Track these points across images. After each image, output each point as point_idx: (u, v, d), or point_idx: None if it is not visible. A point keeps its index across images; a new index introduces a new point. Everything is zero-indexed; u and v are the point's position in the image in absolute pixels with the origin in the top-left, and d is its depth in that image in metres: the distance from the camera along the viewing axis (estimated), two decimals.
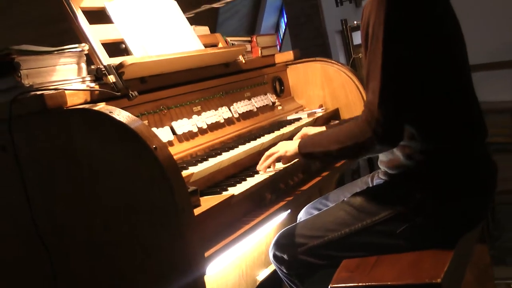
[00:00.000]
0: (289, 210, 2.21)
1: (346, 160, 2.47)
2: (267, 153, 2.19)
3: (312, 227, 2.14)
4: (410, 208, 2.00)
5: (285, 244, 2.14)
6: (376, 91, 1.85)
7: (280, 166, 2.21)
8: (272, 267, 2.51)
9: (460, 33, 2.10)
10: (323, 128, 2.36)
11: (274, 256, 2.17)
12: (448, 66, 2.01)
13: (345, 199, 2.18)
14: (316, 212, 2.32)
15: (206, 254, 1.68)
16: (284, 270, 2.17)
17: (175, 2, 2.62)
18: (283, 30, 15.89)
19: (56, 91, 1.78)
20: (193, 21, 2.80)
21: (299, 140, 2.13)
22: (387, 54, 1.85)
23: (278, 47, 15.98)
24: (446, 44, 2.00)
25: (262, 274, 2.68)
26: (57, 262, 1.83)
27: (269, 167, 2.18)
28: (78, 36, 2.09)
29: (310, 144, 2.10)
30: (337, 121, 2.89)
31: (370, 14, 1.88)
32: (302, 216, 2.49)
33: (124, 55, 2.33)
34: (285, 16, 14.07)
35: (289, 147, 2.13)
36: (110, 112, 1.66)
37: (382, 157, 2.12)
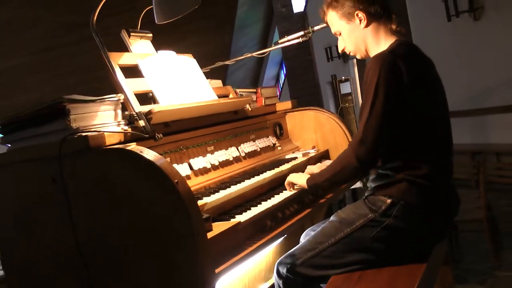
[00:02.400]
0: (285, 235, 2.26)
1: (341, 183, 2.51)
2: (287, 180, 2.38)
3: (306, 244, 2.24)
4: (380, 212, 2.10)
5: (286, 262, 2.22)
6: (362, 126, 2.06)
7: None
8: (271, 281, 2.56)
9: (440, 90, 2.22)
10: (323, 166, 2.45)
11: (277, 272, 2.23)
12: (427, 116, 2.11)
13: (332, 217, 2.27)
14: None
15: (217, 270, 1.70)
16: (282, 284, 2.22)
17: (194, 60, 2.67)
18: (283, 80, 16.02)
19: (97, 133, 1.84)
20: (208, 74, 2.85)
21: (307, 177, 2.30)
22: (374, 102, 2.03)
23: (278, 94, 16.08)
24: (425, 100, 2.11)
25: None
26: (94, 277, 1.86)
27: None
28: (110, 81, 2.13)
29: (314, 178, 2.29)
30: (327, 160, 2.93)
31: (368, 72, 2.06)
32: (302, 237, 2.55)
33: (151, 103, 2.37)
34: (284, 68, 14.22)
35: (300, 180, 2.32)
36: (140, 152, 1.71)
37: (371, 176, 2.26)
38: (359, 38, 2.27)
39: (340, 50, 2.41)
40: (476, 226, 4.45)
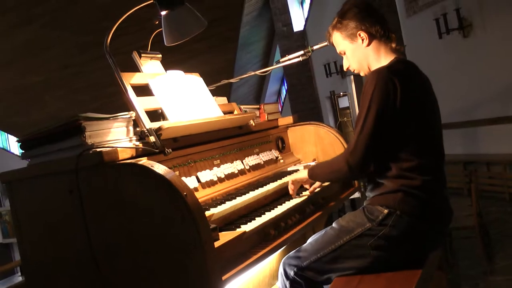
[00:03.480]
0: (288, 243, 2.26)
1: (335, 181, 2.70)
2: (290, 181, 2.44)
3: (309, 248, 2.26)
4: (377, 222, 2.12)
5: (292, 264, 2.25)
6: (355, 136, 2.12)
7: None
8: (275, 287, 2.55)
9: (433, 104, 2.24)
10: None
11: (284, 272, 2.27)
12: (421, 130, 2.14)
13: (333, 224, 2.28)
14: None
15: (223, 277, 1.70)
16: (289, 285, 2.25)
17: (201, 79, 2.68)
18: (284, 95, 16.06)
19: (110, 149, 1.85)
20: (214, 91, 2.85)
21: (307, 170, 2.39)
22: (367, 115, 2.08)
23: (280, 108, 16.11)
24: (419, 113, 2.13)
25: None
26: (107, 283, 1.86)
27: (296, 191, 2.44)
28: (120, 97, 2.15)
29: (314, 168, 2.37)
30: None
31: (366, 84, 2.12)
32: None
33: (161, 119, 2.39)
34: (285, 84, 14.26)
35: (302, 173, 2.41)
36: (151, 166, 1.73)
37: (368, 186, 2.28)
38: (362, 56, 2.32)
39: (345, 69, 2.47)
40: (469, 232, 4.45)
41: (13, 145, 15.80)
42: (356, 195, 3.22)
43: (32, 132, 2.05)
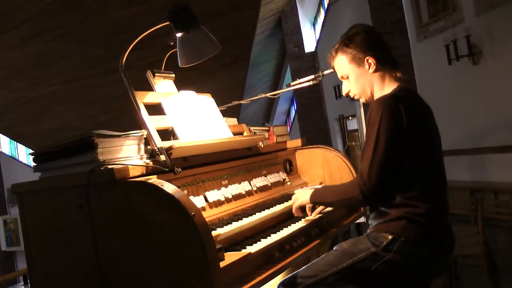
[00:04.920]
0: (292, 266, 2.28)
1: (342, 207, 2.66)
2: (294, 205, 2.44)
3: (309, 269, 2.25)
4: (381, 247, 2.12)
5: (288, 284, 2.24)
6: (366, 163, 2.10)
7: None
8: None
9: (435, 132, 2.26)
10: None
11: None
12: (424, 157, 2.16)
13: (335, 247, 2.29)
14: None
15: None
16: None
17: (212, 99, 2.72)
18: (293, 115, 16.11)
19: (121, 166, 1.89)
20: (224, 111, 2.91)
21: (311, 191, 2.37)
22: (377, 143, 2.08)
23: (289, 128, 16.15)
24: (423, 142, 2.16)
25: None
26: None
27: (301, 213, 2.41)
28: (130, 111, 2.18)
29: (318, 195, 2.35)
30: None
31: (371, 113, 2.11)
32: None
33: (171, 138, 2.43)
34: (295, 104, 14.31)
35: (303, 197, 2.40)
36: (161, 185, 1.76)
37: (371, 214, 2.29)
38: (366, 82, 2.31)
39: (344, 94, 2.43)
40: (475, 260, 4.43)
41: (22, 153, 15.92)
42: (362, 219, 3.23)
43: (45, 146, 2.09)
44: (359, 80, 2.33)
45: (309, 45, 12.56)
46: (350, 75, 2.36)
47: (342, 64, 2.37)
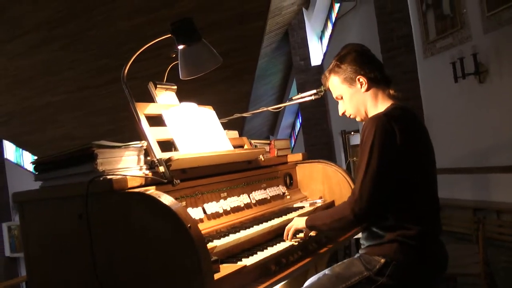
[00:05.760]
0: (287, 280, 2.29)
1: (337, 230, 2.58)
2: (287, 228, 2.37)
3: None
4: (374, 271, 2.13)
5: None
6: (358, 183, 2.11)
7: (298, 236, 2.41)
8: None
9: (430, 152, 2.27)
10: None
11: None
12: (418, 177, 2.17)
13: (327, 270, 2.29)
14: None
15: None
16: None
17: (214, 112, 2.75)
18: (298, 129, 16.13)
19: (120, 177, 1.93)
20: (228, 125, 2.94)
21: (307, 217, 2.35)
22: (369, 161, 2.08)
23: (293, 141, 16.16)
24: (417, 161, 2.17)
25: None
26: None
27: (292, 238, 2.35)
28: (133, 121, 2.20)
29: (313, 218, 2.33)
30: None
31: (364, 132, 2.12)
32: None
33: (172, 149, 2.46)
34: (300, 118, 14.34)
35: (300, 222, 2.35)
36: (158, 196, 1.79)
37: (363, 234, 2.29)
38: (360, 101, 2.34)
39: (340, 113, 2.47)
40: (475, 279, 4.42)
41: (27, 161, 15.99)
42: (360, 235, 3.25)
43: (46, 156, 2.13)
44: (352, 99, 2.36)
45: (316, 59, 12.60)
46: (344, 95, 2.39)
47: (335, 84, 2.41)
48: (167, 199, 1.79)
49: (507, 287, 5.04)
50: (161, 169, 2.09)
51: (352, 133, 5.74)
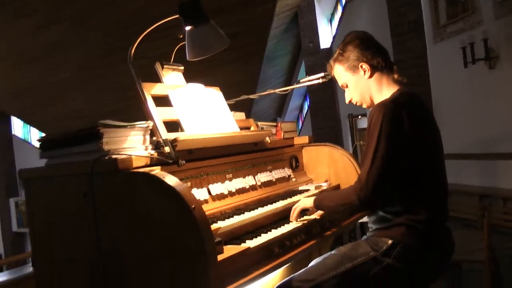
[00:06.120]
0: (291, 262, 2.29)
1: (343, 213, 2.59)
2: (294, 207, 2.38)
3: (307, 273, 2.25)
4: (381, 252, 2.13)
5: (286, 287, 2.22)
6: (365, 169, 2.11)
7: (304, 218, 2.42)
8: None
9: (437, 138, 2.26)
10: None
11: None
12: (426, 164, 2.16)
13: (333, 251, 2.30)
14: None
15: None
16: None
17: (220, 93, 2.74)
18: (306, 111, 16.10)
19: (125, 156, 1.92)
20: (235, 106, 2.93)
21: (314, 197, 2.36)
22: (377, 149, 2.06)
23: (301, 124, 16.13)
24: (424, 148, 2.15)
25: None
26: (112, 284, 1.92)
27: (297, 217, 2.36)
28: (139, 100, 2.20)
29: (320, 199, 2.34)
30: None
31: (371, 119, 2.10)
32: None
33: (178, 130, 2.44)
34: (308, 100, 14.30)
35: (307, 201, 2.35)
36: (163, 177, 1.78)
37: (371, 218, 2.29)
38: (364, 88, 2.35)
39: (347, 101, 2.47)
40: (479, 266, 4.42)
41: (34, 137, 16.07)
42: (365, 219, 3.24)
43: (52, 134, 2.13)
44: (357, 86, 2.37)
45: (325, 41, 12.52)
46: (348, 83, 2.40)
47: (339, 73, 2.42)
48: (171, 180, 1.78)
49: (510, 274, 5.03)
50: (167, 149, 2.08)
51: (360, 116, 5.71)
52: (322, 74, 3.01)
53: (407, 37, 8.44)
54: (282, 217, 2.49)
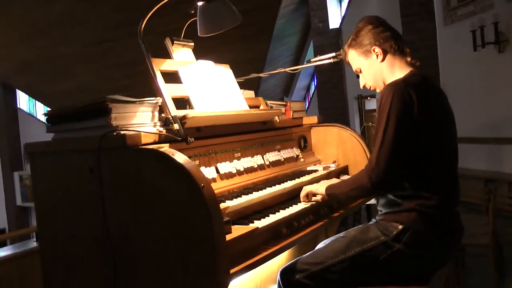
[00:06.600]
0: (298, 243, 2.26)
1: (356, 198, 2.58)
2: (307, 190, 2.35)
3: (315, 256, 2.21)
4: (391, 237, 2.09)
5: (292, 270, 2.19)
6: (375, 150, 2.07)
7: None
8: None
9: (450, 121, 2.21)
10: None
11: (282, 279, 2.20)
12: (437, 146, 2.11)
13: (341, 234, 2.27)
14: None
15: (232, 271, 1.70)
16: None
17: (230, 71, 2.69)
18: (313, 91, 16.00)
19: (134, 133, 1.87)
20: (243, 85, 2.87)
21: (327, 185, 2.32)
22: (386, 129, 2.03)
23: (307, 104, 16.04)
24: (434, 131, 2.10)
25: None
26: (118, 262, 1.89)
27: (307, 199, 2.34)
28: (147, 76, 2.14)
29: (333, 187, 2.31)
30: (346, 176, 2.94)
31: (382, 99, 2.07)
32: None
33: (186, 107, 2.40)
34: (315, 80, 14.19)
35: (320, 188, 2.34)
36: (172, 154, 1.74)
37: (381, 201, 2.23)
38: (377, 72, 2.32)
39: (361, 86, 2.46)
40: (483, 250, 4.40)
41: (40, 111, 16.07)
42: (372, 201, 3.21)
43: (59, 108, 2.09)
44: (369, 71, 2.35)
45: (334, 22, 12.36)
46: (362, 68, 2.39)
47: (353, 58, 2.41)
48: (181, 158, 1.74)
49: None
50: (176, 126, 2.03)
51: (369, 98, 5.64)
52: (333, 54, 2.94)
53: (417, 19, 8.33)
54: (290, 197, 2.46)
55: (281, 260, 2.80)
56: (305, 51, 15.39)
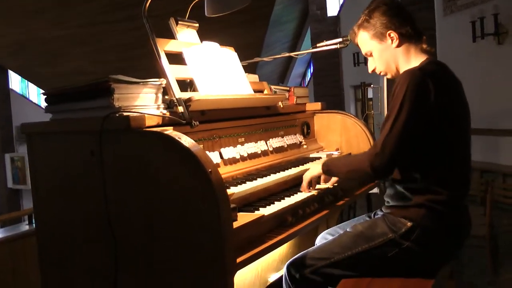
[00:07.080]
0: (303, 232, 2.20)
1: (352, 179, 2.53)
2: (307, 177, 2.27)
3: (321, 251, 2.14)
4: (400, 234, 2.02)
5: (298, 265, 2.12)
6: (383, 136, 1.97)
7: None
8: (281, 272, 2.50)
9: (466, 112, 2.12)
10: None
11: (288, 274, 2.14)
12: (451, 138, 2.03)
13: (348, 228, 2.19)
14: (329, 237, 2.32)
15: (238, 260, 1.65)
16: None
17: (235, 53, 2.61)
18: (309, 79, 15.94)
19: (138, 114, 1.80)
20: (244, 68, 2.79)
21: (323, 161, 2.25)
22: (398, 116, 1.94)
23: None
24: (451, 121, 2.02)
25: (273, 277, 2.68)
26: (120, 248, 1.82)
27: (309, 187, 2.27)
28: (147, 61, 2.07)
29: (329, 163, 2.23)
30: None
31: (398, 84, 1.97)
32: (318, 240, 2.47)
33: (188, 89, 2.34)
34: (312, 67, 14.12)
35: (316, 168, 2.26)
36: (178, 138, 1.66)
37: (389, 191, 2.14)
38: (391, 57, 2.18)
39: (370, 71, 2.30)
40: (479, 241, 4.37)
41: (33, 93, 15.89)
42: (375, 190, 3.15)
43: (60, 87, 2.00)
44: (382, 56, 2.20)
45: (333, 9, 12.27)
46: (373, 52, 2.23)
47: (364, 40, 2.23)
48: (187, 141, 1.66)
49: (507, 251, 5.00)
50: (180, 109, 1.94)
51: (372, 85, 5.59)
52: (340, 39, 2.87)
53: (416, 8, 8.23)
54: (294, 184, 2.39)
55: (283, 248, 2.74)
56: (302, 38, 15.29)
